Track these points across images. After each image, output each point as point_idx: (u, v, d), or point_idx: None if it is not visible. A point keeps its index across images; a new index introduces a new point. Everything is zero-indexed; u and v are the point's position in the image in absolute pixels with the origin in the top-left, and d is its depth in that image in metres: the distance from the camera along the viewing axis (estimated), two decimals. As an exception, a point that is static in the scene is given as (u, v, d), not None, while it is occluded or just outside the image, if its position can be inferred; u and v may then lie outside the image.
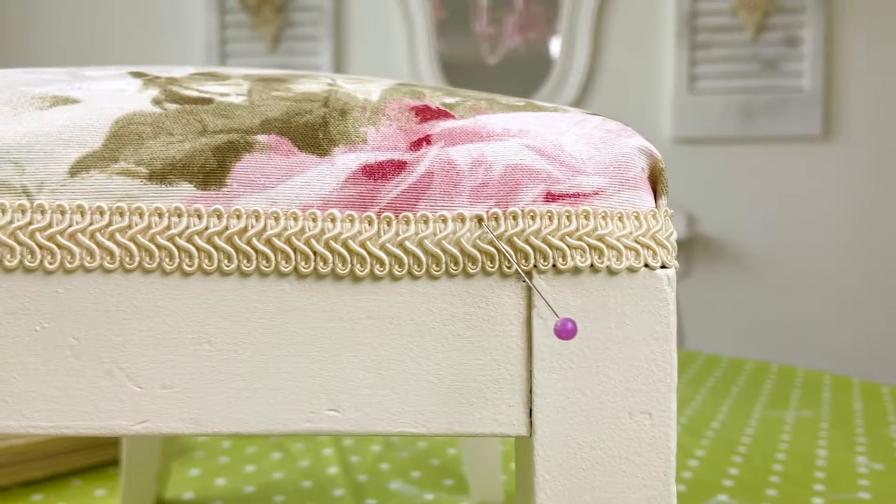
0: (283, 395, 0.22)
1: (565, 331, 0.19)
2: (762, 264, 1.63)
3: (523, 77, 1.65)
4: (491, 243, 0.22)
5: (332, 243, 0.21)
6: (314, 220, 0.22)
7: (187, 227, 0.21)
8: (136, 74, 0.26)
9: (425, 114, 0.24)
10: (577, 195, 0.22)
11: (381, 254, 0.22)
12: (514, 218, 0.22)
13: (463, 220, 0.22)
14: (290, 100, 0.24)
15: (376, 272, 0.22)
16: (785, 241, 1.62)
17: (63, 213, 0.21)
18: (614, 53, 1.64)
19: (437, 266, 0.22)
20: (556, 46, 1.64)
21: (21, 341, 0.21)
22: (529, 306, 0.22)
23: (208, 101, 0.24)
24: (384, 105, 0.24)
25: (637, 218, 0.22)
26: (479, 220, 0.22)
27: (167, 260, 0.21)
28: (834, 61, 1.60)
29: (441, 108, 0.24)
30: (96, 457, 0.74)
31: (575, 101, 1.65)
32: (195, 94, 0.24)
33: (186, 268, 0.21)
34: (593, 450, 0.22)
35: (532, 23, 1.65)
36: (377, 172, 0.22)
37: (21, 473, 0.70)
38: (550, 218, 0.22)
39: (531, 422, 0.22)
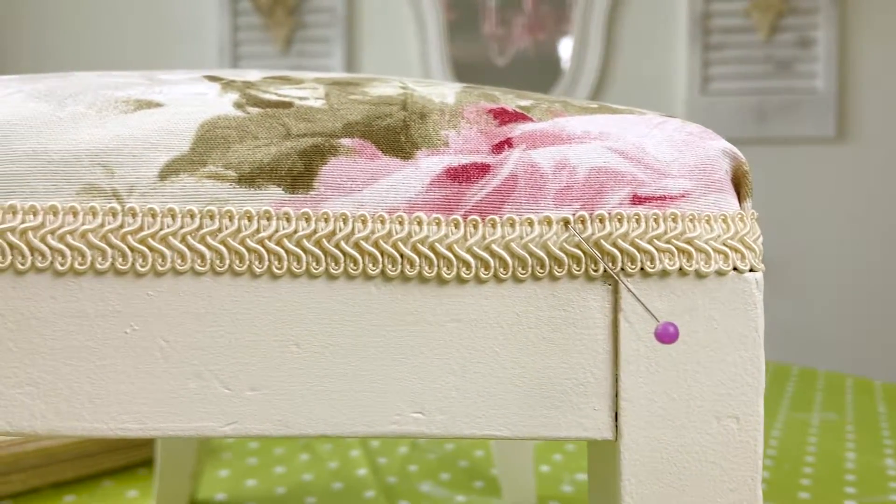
0: (369, 397, 0.22)
1: (667, 334, 0.19)
2: (775, 266, 1.62)
3: (532, 78, 1.65)
4: (578, 246, 0.22)
5: (420, 246, 0.22)
6: (401, 223, 0.22)
7: (276, 231, 0.22)
8: (212, 78, 0.26)
9: (503, 117, 0.24)
10: (663, 198, 0.22)
11: (468, 257, 0.22)
12: (601, 221, 0.22)
13: (549, 222, 0.22)
14: (368, 103, 0.24)
15: (462, 275, 0.22)
16: (798, 243, 1.62)
17: (154, 216, 0.21)
18: (627, 55, 1.64)
19: (523, 269, 0.22)
20: (564, 48, 1.64)
21: (111, 343, 0.22)
22: (615, 309, 0.22)
23: (288, 104, 0.24)
24: (461, 108, 0.24)
25: (724, 221, 0.22)
26: (566, 222, 0.22)
27: (257, 263, 0.22)
28: (848, 63, 1.60)
29: (518, 110, 0.24)
30: (126, 458, 0.74)
31: (591, 103, 1.64)
32: (274, 97, 0.24)
33: (275, 270, 0.22)
34: (680, 454, 0.22)
35: (541, 24, 1.65)
36: (461, 175, 0.22)
37: (53, 475, 0.70)
38: (638, 221, 0.22)
39: (617, 426, 0.22)
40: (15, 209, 0.21)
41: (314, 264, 0.22)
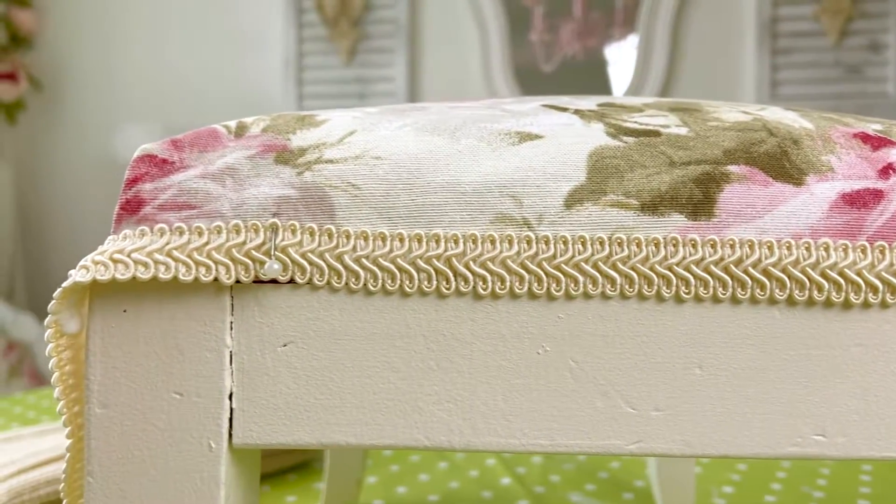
0: (770, 419, 0.23)
1: None
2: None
3: (580, 84, 1.65)
4: None
5: (829, 272, 0.22)
6: (808, 248, 0.22)
7: (684, 257, 0.22)
8: (556, 108, 0.27)
9: (872, 141, 0.24)
10: None
11: (877, 282, 0.22)
12: None
13: (961, 248, 0.22)
14: (733, 129, 0.25)
15: (869, 300, 0.22)
16: None
17: (566, 243, 0.22)
18: (693, 59, 1.62)
19: (933, 294, 0.22)
20: (611, 53, 1.64)
21: (524, 363, 0.23)
22: None
23: (656, 133, 0.25)
24: (827, 133, 0.25)
25: None
26: (978, 248, 0.22)
27: (665, 287, 0.22)
28: (918, 67, 1.55)
29: (878, 134, 0.25)
30: (279, 463, 0.76)
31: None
32: (639, 126, 0.25)
33: (683, 295, 0.22)
34: None
35: (590, 30, 1.65)
36: (858, 201, 0.23)
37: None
38: None
39: None
40: (438, 238, 0.22)
41: (720, 289, 0.22)
